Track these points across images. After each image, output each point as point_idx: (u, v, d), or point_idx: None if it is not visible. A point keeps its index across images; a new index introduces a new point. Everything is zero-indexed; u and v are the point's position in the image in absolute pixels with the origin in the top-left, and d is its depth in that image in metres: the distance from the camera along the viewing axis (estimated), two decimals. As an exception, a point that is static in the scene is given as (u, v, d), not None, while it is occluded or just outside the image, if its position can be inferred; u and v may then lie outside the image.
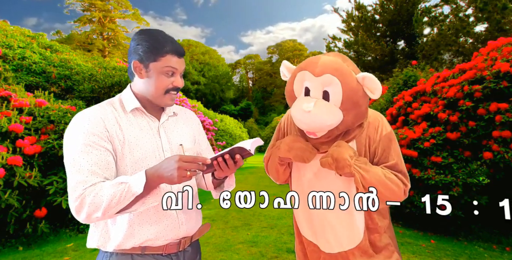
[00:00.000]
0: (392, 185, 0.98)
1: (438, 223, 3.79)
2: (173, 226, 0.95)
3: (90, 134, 0.86)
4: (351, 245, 1.05)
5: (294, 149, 1.05)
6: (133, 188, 0.79)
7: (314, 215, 1.10)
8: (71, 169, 0.83)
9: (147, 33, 0.94)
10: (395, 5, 13.58)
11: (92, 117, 0.89)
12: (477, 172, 3.44)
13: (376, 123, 1.06)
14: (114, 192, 0.79)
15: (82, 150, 0.84)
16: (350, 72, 0.98)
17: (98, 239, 0.91)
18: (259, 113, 41.00)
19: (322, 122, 0.97)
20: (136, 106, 0.96)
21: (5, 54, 6.16)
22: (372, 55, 14.32)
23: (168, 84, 0.94)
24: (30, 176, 3.10)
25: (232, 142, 10.77)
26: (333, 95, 0.97)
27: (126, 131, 0.92)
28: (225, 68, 42.54)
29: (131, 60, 0.94)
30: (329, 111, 0.97)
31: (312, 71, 0.99)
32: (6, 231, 3.05)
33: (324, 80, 0.97)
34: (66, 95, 6.68)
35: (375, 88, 0.97)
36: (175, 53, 0.93)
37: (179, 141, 1.02)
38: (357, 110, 0.99)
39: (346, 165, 0.96)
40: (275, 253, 2.91)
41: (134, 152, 0.91)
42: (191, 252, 1.02)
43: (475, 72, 3.68)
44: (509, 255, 3.07)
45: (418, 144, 3.77)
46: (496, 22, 9.60)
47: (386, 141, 1.04)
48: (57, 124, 3.68)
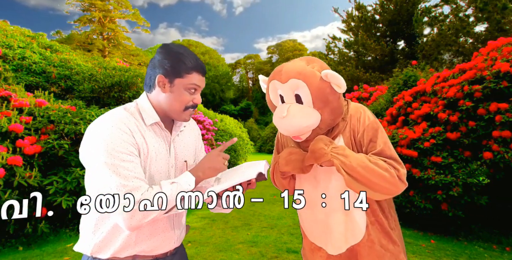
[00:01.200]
0: (379, 169, 0.95)
1: (438, 223, 3.79)
2: (168, 241, 0.97)
3: (127, 143, 0.85)
4: (354, 240, 1.06)
5: (291, 161, 1.08)
6: (184, 185, 0.86)
7: (317, 218, 1.11)
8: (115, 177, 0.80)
9: (173, 48, 0.95)
10: (395, 5, 13.58)
11: (122, 127, 0.87)
12: (477, 172, 3.44)
13: (357, 115, 1.07)
14: (171, 190, 0.84)
15: (124, 159, 0.83)
16: (312, 72, 1.01)
17: (93, 247, 0.89)
18: (259, 113, 40.96)
19: (298, 124, 1.00)
20: (156, 121, 0.95)
21: (5, 54, 6.16)
22: (372, 55, 14.31)
23: (189, 100, 0.95)
24: (30, 176, 3.10)
25: (232, 142, 10.74)
26: (304, 97, 1.01)
27: (150, 144, 0.92)
28: (225, 68, 42.55)
29: (156, 73, 0.93)
30: (302, 113, 1.00)
31: (279, 79, 1.04)
32: (6, 231, 3.04)
33: (291, 84, 1.01)
34: (66, 95, 6.68)
35: (339, 83, 0.99)
36: (200, 71, 0.95)
37: (184, 157, 1.03)
38: (329, 106, 1.02)
39: (323, 153, 0.98)
40: (275, 253, 2.91)
41: (152, 167, 0.92)
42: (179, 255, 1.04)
43: (475, 72, 3.68)
44: (509, 255, 3.07)
45: (418, 144, 3.78)
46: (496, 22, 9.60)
47: (370, 130, 1.04)
48: (57, 124, 3.67)
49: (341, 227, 1.07)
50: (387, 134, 1.15)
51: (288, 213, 4.61)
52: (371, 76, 12.71)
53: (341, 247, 1.08)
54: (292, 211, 4.73)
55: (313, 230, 1.14)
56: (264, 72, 48.88)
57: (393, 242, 1.08)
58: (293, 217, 4.35)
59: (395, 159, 1.00)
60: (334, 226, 1.08)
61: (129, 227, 0.80)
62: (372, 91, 7.59)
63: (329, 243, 1.10)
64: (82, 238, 0.93)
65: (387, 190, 0.96)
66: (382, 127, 1.07)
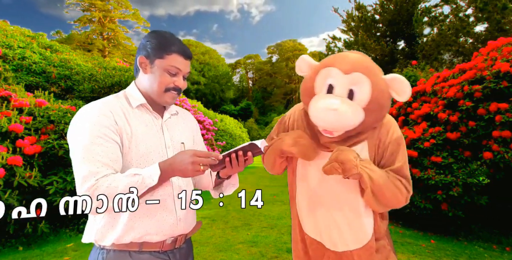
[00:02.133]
0: (395, 189, 0.97)
1: (438, 223, 3.79)
2: (171, 222, 0.95)
3: (101, 126, 0.86)
4: (357, 245, 1.04)
5: (299, 144, 1.02)
6: (147, 179, 0.82)
7: (319, 213, 1.09)
8: (80, 160, 0.82)
9: (157, 32, 0.98)
10: (395, 5, 13.57)
11: (102, 110, 0.89)
12: (477, 172, 3.44)
13: (388, 125, 1.05)
14: (128, 183, 0.80)
15: (93, 142, 0.84)
16: (379, 72, 0.96)
17: (96, 233, 0.90)
18: (259, 113, 40.98)
19: (347, 121, 0.93)
20: (142, 102, 0.97)
21: (5, 54, 6.16)
22: (372, 55, 14.30)
23: (169, 82, 0.95)
24: (30, 176, 3.09)
25: (232, 142, 10.77)
26: (359, 95, 0.94)
27: (134, 125, 0.93)
28: (225, 68, 42.54)
29: (138, 55, 0.96)
30: (355, 111, 0.93)
31: (341, 68, 0.95)
32: (6, 231, 3.04)
33: (353, 78, 0.93)
34: (66, 95, 6.68)
35: (404, 91, 0.93)
36: (182, 53, 0.95)
37: (180, 139, 1.03)
38: (380, 112, 0.97)
39: (353, 165, 0.93)
40: (275, 253, 2.91)
41: (140, 146, 0.92)
42: (185, 249, 1.03)
43: (475, 72, 3.68)
44: (509, 255, 3.07)
45: (418, 144, 3.78)
46: (496, 22, 9.59)
47: (395, 144, 1.02)
48: (57, 124, 3.67)
49: (344, 227, 1.05)
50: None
51: (288, 213, 4.59)
52: (371, 76, 12.70)
53: (338, 246, 1.07)
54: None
55: (312, 224, 1.11)
56: (264, 72, 48.86)
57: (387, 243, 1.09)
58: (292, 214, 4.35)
59: (408, 180, 1.01)
60: (337, 224, 1.06)
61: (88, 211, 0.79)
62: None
63: (328, 239, 1.08)
64: (87, 227, 0.94)
65: (392, 206, 1.00)
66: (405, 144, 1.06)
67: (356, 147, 1.03)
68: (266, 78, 48.82)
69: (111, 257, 0.90)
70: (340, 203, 1.05)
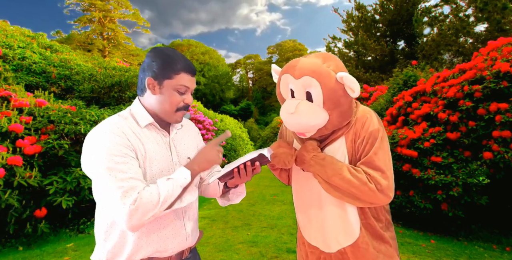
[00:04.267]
0: (356, 182, 0.97)
1: (438, 223, 3.79)
2: (180, 238, 0.97)
3: (121, 146, 0.85)
4: (348, 241, 1.06)
5: (277, 155, 1.09)
6: (180, 180, 0.88)
7: (310, 214, 1.13)
8: (112, 182, 0.80)
9: (161, 51, 0.96)
10: (395, 5, 13.57)
11: (114, 131, 0.88)
12: (477, 172, 3.44)
13: (363, 119, 1.06)
14: (167, 186, 0.84)
15: (117, 161, 0.82)
16: (328, 72, 0.99)
17: (106, 254, 0.91)
18: (259, 113, 40.96)
19: (305, 122, 1.00)
20: (150, 122, 0.96)
21: (5, 54, 6.16)
22: (372, 55, 14.31)
23: (179, 101, 0.96)
24: (30, 176, 3.10)
25: (232, 142, 10.77)
26: (315, 96, 1.00)
27: (146, 145, 0.93)
28: (225, 68, 42.51)
29: (145, 76, 0.95)
30: (311, 111, 0.99)
31: (292, 74, 1.02)
32: (6, 231, 3.05)
33: (304, 82, 1.00)
34: (66, 95, 6.68)
35: (354, 87, 0.98)
36: (189, 71, 0.96)
37: (187, 154, 1.04)
38: (339, 109, 1.00)
39: (303, 160, 1.05)
40: (275, 253, 2.91)
41: (153, 166, 0.93)
42: (192, 258, 1.05)
43: (475, 72, 3.68)
44: (509, 255, 3.07)
45: (418, 144, 3.78)
46: (496, 22, 9.59)
47: (370, 137, 1.03)
48: (57, 124, 3.67)
49: (334, 226, 1.08)
50: (387, 134, 1.15)
51: (288, 213, 4.61)
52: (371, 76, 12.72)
53: (331, 247, 1.09)
54: (292, 211, 4.72)
55: (306, 226, 1.16)
56: (264, 72, 48.88)
57: (385, 243, 1.08)
58: (293, 217, 4.35)
59: (382, 171, 0.99)
60: (328, 225, 1.08)
61: (130, 227, 0.80)
62: (372, 91, 7.60)
63: (321, 240, 1.11)
64: (96, 246, 0.95)
65: (365, 201, 1.00)
66: (386, 135, 1.06)
67: (334, 144, 1.08)
68: (266, 78, 48.74)
69: None
70: (324, 202, 1.09)
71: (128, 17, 32.71)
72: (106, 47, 31.02)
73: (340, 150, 1.06)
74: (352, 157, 1.06)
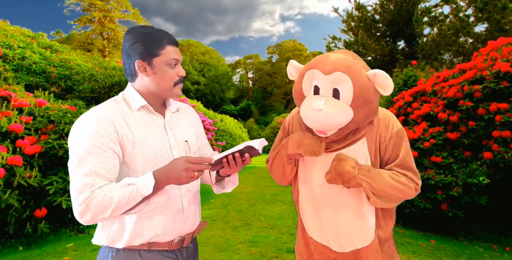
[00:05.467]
0: (401, 186, 0.98)
1: (438, 223, 3.79)
2: (179, 222, 0.97)
3: (99, 135, 0.85)
4: (364, 243, 1.05)
5: (304, 144, 1.03)
6: (141, 189, 0.81)
7: (323, 215, 1.09)
8: (77, 171, 0.82)
9: (139, 30, 0.94)
10: (395, 5, 13.58)
11: (101, 118, 0.87)
12: (477, 172, 3.44)
13: (386, 120, 1.05)
14: (123, 193, 0.80)
15: (90, 152, 0.83)
16: (360, 69, 0.97)
17: (106, 238, 0.92)
18: (259, 113, 40.97)
19: (334, 120, 0.95)
20: (143, 104, 0.96)
21: (5, 54, 6.16)
22: (372, 55, 14.31)
23: (174, 75, 0.96)
24: (30, 176, 3.09)
25: (232, 142, 10.77)
26: (343, 93, 0.96)
27: (135, 130, 0.92)
28: (225, 68, 42.50)
29: (132, 61, 0.93)
30: (340, 109, 0.95)
31: (322, 69, 0.98)
32: (6, 231, 3.04)
33: (335, 77, 0.96)
34: (66, 95, 6.69)
35: (386, 85, 0.95)
36: (173, 43, 0.96)
37: (184, 137, 1.03)
38: (368, 107, 0.97)
39: (351, 177, 0.96)
40: (275, 253, 2.91)
41: (145, 151, 0.92)
42: (192, 249, 1.06)
43: (475, 72, 3.68)
44: (509, 255, 3.07)
45: (418, 144, 3.77)
46: (496, 22, 9.59)
47: (397, 138, 1.03)
48: (57, 124, 3.67)
49: (350, 228, 1.05)
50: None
51: (288, 213, 4.61)
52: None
53: (345, 247, 1.07)
54: (292, 211, 4.73)
55: (317, 227, 1.12)
56: (264, 72, 48.88)
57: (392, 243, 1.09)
58: (293, 217, 4.35)
59: (414, 171, 1.03)
60: (343, 226, 1.06)
61: (83, 222, 0.81)
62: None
63: (333, 240, 1.08)
64: (97, 231, 0.96)
65: (402, 200, 1.03)
66: (407, 135, 1.07)
67: (356, 145, 1.05)
68: (266, 78, 48.80)
69: (121, 256, 0.91)
70: (342, 204, 1.06)
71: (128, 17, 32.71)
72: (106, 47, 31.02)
73: (361, 151, 1.04)
74: (375, 158, 1.04)
